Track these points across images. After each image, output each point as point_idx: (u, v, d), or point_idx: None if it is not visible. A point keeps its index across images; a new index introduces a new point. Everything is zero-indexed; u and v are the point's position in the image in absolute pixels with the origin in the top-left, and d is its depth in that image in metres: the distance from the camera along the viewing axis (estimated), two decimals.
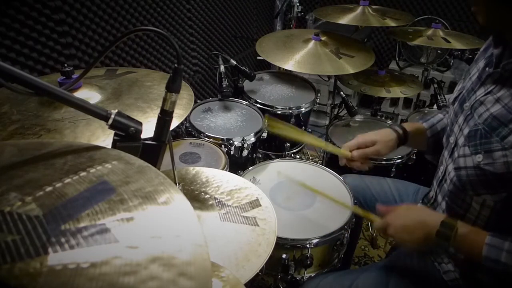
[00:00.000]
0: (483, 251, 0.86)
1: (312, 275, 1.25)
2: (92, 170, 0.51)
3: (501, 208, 0.89)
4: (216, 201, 1.06)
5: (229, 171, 1.43)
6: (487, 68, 0.96)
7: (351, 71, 1.77)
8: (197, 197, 1.07)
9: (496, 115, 0.87)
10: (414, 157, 1.72)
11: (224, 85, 1.79)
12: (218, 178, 1.15)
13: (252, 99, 1.88)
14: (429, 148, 1.23)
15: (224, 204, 1.05)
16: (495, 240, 0.86)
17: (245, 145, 1.59)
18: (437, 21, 2.10)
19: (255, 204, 1.06)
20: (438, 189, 1.09)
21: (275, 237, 0.96)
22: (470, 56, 2.28)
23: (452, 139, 1.03)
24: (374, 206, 1.37)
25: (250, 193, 1.10)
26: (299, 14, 2.64)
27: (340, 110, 2.21)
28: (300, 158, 2.41)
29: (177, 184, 0.93)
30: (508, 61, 0.87)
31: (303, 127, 2.02)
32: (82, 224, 0.42)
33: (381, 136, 1.17)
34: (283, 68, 1.91)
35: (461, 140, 0.96)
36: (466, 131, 0.95)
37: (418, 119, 1.28)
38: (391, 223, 0.99)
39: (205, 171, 1.19)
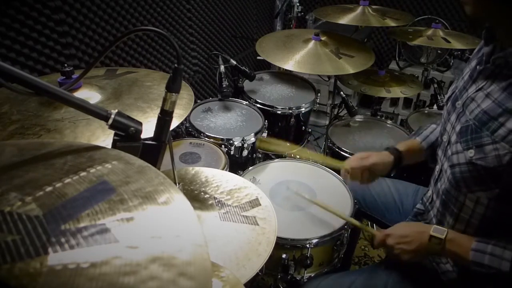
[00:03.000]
0: (469, 256, 0.90)
1: (312, 275, 1.25)
2: (92, 170, 0.51)
3: (494, 205, 0.90)
4: (216, 200, 1.06)
5: (229, 171, 1.43)
6: (477, 66, 0.97)
7: (351, 71, 1.77)
8: (197, 197, 1.07)
9: (487, 110, 0.87)
10: None
11: (224, 85, 1.79)
12: (217, 178, 1.15)
13: (252, 99, 1.88)
14: (429, 159, 1.25)
15: (224, 203, 1.05)
16: (480, 245, 0.90)
17: (245, 145, 1.59)
18: (437, 21, 2.10)
19: (254, 203, 1.06)
20: (434, 188, 1.10)
21: (275, 236, 0.96)
22: (470, 56, 2.28)
23: (445, 138, 1.04)
24: (374, 206, 1.38)
25: (249, 193, 1.10)
26: (299, 14, 2.64)
27: (340, 110, 2.21)
28: (300, 158, 2.41)
29: (177, 184, 0.93)
30: (498, 56, 0.88)
31: (303, 127, 2.02)
32: (82, 224, 0.42)
33: (377, 153, 1.23)
34: (283, 68, 1.90)
35: (453, 138, 0.97)
36: (458, 128, 0.96)
37: (413, 134, 1.33)
38: (390, 234, 1.04)
39: (205, 171, 1.19)
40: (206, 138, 1.58)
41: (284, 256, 1.18)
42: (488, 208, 0.91)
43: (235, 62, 1.87)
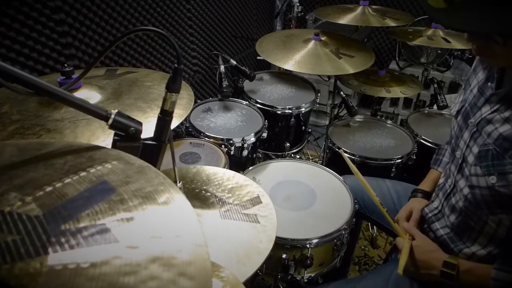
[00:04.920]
0: (490, 285, 0.89)
1: (312, 275, 1.25)
2: (92, 170, 0.51)
3: None
4: (217, 199, 1.06)
5: None
6: (489, 83, 0.94)
7: (351, 71, 1.77)
8: (198, 195, 1.07)
9: (507, 135, 0.85)
10: (414, 157, 1.72)
11: (224, 85, 1.79)
12: (218, 176, 1.15)
13: (252, 99, 1.88)
14: None
15: (225, 201, 1.05)
16: (500, 274, 0.89)
17: (245, 145, 1.59)
18: None
19: (256, 201, 1.05)
20: (445, 202, 1.07)
21: (275, 234, 0.95)
22: (470, 56, 2.27)
23: (458, 154, 1.02)
24: (373, 208, 1.38)
25: (251, 191, 1.10)
26: (299, 14, 2.64)
27: (340, 110, 2.21)
28: (300, 158, 2.41)
29: (178, 182, 0.93)
30: None
31: (303, 127, 2.02)
32: (82, 224, 0.42)
33: (414, 204, 1.20)
34: (283, 68, 1.90)
35: (470, 158, 0.95)
36: (475, 149, 0.93)
37: (433, 163, 1.31)
38: (415, 250, 1.04)
39: (206, 169, 1.19)
40: (206, 138, 1.58)
41: (284, 256, 1.17)
42: (510, 229, 0.90)
43: (235, 62, 1.87)
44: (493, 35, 0.78)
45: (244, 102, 1.86)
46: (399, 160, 1.66)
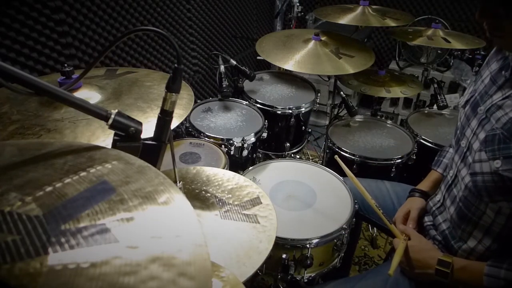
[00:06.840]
0: (483, 281, 0.89)
1: (312, 275, 1.25)
2: (92, 170, 0.51)
3: None
4: (217, 199, 1.06)
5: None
6: (503, 72, 0.94)
7: (351, 71, 1.77)
8: (198, 196, 1.07)
9: None
10: (414, 157, 1.72)
11: (224, 85, 1.79)
12: (218, 177, 1.15)
13: (252, 99, 1.88)
14: None
15: (225, 202, 1.05)
16: (493, 269, 0.90)
17: (245, 145, 1.59)
18: (437, 21, 2.09)
19: (255, 202, 1.06)
20: (447, 194, 1.07)
21: (275, 234, 0.95)
22: (470, 56, 2.27)
23: (463, 143, 1.02)
24: (372, 209, 1.37)
25: (251, 191, 1.10)
26: (299, 14, 2.64)
27: (340, 110, 2.21)
28: (300, 158, 2.41)
29: (178, 182, 0.93)
30: None
31: (303, 127, 2.02)
32: (82, 224, 0.42)
33: (411, 204, 1.20)
34: (283, 68, 1.90)
35: (476, 145, 0.95)
36: (482, 135, 0.93)
37: (434, 164, 1.30)
38: (408, 251, 1.05)
39: (206, 170, 1.19)
40: (206, 138, 1.58)
41: (284, 256, 1.17)
42: (510, 218, 0.90)
43: (235, 62, 1.87)
44: (497, 8, 0.81)
45: (244, 102, 1.86)
46: (399, 160, 1.66)
